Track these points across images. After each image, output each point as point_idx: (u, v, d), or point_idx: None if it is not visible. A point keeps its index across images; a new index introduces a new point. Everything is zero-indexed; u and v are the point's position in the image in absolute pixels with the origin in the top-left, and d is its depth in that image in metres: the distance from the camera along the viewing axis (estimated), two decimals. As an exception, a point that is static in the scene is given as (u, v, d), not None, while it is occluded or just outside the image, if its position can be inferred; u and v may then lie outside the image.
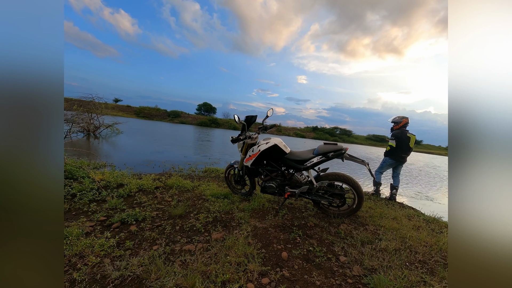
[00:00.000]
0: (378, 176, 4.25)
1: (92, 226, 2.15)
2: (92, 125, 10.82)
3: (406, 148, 3.93)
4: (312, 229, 2.46)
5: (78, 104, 10.41)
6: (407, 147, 3.93)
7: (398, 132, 3.99)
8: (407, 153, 3.99)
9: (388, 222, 2.77)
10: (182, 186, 3.56)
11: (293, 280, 1.63)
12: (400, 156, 4.00)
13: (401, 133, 3.96)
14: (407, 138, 3.91)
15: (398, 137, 3.94)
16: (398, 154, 3.99)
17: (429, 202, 5.20)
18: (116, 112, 34.00)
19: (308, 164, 2.58)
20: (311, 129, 60.78)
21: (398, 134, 3.96)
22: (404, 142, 3.92)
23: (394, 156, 4.03)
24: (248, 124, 2.92)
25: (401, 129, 4.00)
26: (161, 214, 2.52)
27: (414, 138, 3.95)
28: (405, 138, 3.91)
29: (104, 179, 3.36)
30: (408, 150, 3.97)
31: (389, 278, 1.68)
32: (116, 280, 1.49)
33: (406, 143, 3.91)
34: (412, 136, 3.95)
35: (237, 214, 2.63)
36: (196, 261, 1.70)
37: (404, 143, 3.92)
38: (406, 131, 3.97)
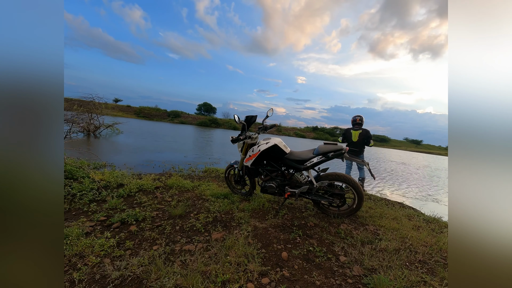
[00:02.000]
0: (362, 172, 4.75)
1: (92, 226, 2.15)
2: (92, 125, 10.82)
3: (350, 142, 4.64)
4: (312, 229, 2.46)
5: (78, 104, 10.41)
6: (350, 141, 4.65)
7: (345, 129, 4.87)
8: (354, 146, 4.64)
9: (388, 222, 2.77)
10: (182, 186, 3.56)
11: (293, 280, 1.63)
12: (350, 149, 4.64)
13: (346, 130, 4.80)
14: (350, 133, 4.67)
15: (343, 134, 4.81)
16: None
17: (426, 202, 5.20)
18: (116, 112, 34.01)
19: (308, 164, 2.58)
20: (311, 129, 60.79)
21: (344, 131, 4.87)
22: (348, 137, 4.69)
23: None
24: (248, 124, 2.92)
25: (350, 127, 4.79)
26: (161, 214, 2.52)
27: (357, 133, 4.62)
28: (348, 134, 4.69)
29: (104, 179, 3.36)
30: (353, 144, 4.62)
31: (389, 278, 1.68)
32: (116, 280, 1.49)
33: (349, 138, 4.66)
34: (355, 131, 4.63)
35: (237, 214, 2.63)
36: (196, 261, 1.70)
37: (348, 138, 4.69)
38: (352, 128, 4.72)
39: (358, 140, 4.58)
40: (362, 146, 4.64)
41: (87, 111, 10.72)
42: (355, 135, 4.61)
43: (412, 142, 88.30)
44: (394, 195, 5.46)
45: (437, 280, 1.74)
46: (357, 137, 4.59)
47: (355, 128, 4.67)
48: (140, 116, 41.92)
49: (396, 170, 10.75)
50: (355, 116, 4.76)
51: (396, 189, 6.19)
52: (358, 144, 4.61)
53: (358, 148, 4.64)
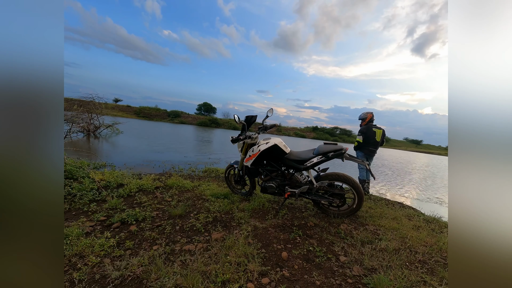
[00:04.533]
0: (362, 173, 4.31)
1: (92, 226, 2.15)
2: (92, 125, 10.82)
3: (373, 142, 4.10)
4: (312, 229, 2.46)
5: (78, 104, 10.41)
6: (373, 141, 4.10)
7: (364, 128, 4.18)
8: (376, 146, 4.16)
9: (388, 222, 2.77)
10: (182, 186, 3.56)
11: (293, 280, 1.63)
12: (368, 150, 4.16)
13: (367, 128, 4.15)
14: (372, 132, 4.09)
15: (364, 133, 4.13)
16: (367, 148, 4.17)
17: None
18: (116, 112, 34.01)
19: (308, 164, 2.58)
20: (311, 129, 60.80)
21: (364, 129, 4.17)
22: (371, 136, 4.09)
23: (363, 150, 4.21)
24: (248, 124, 2.92)
25: (368, 125, 4.20)
26: (161, 214, 2.52)
27: (380, 132, 4.12)
28: (371, 133, 4.09)
29: (104, 179, 3.36)
30: (376, 144, 4.13)
31: (389, 278, 1.68)
32: (116, 280, 1.49)
33: (372, 138, 4.09)
34: (378, 130, 4.11)
35: (237, 214, 2.63)
36: (196, 261, 1.70)
37: (370, 137, 4.09)
38: (372, 126, 4.15)
39: (380, 140, 4.11)
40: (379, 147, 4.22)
41: (87, 111, 10.72)
42: (379, 134, 4.09)
43: (412, 142, 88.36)
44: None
45: (437, 280, 1.74)
46: (380, 136, 4.10)
47: (376, 127, 4.14)
48: (140, 116, 41.93)
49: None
50: (365, 113, 4.24)
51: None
52: (379, 144, 4.15)
53: (377, 149, 4.19)
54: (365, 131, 4.12)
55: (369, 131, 4.09)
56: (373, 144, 4.09)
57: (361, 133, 4.16)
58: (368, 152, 4.17)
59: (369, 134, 4.08)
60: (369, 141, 4.09)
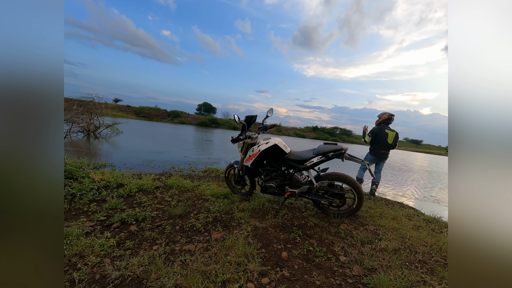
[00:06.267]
0: (360, 172, 4.23)
1: (92, 226, 2.15)
2: (92, 125, 10.82)
3: (384, 144, 3.92)
4: (312, 229, 2.46)
5: (78, 104, 10.40)
6: (385, 143, 3.92)
7: (376, 128, 4.02)
8: (387, 149, 3.99)
9: (388, 222, 2.77)
10: (182, 186, 3.56)
11: (293, 280, 1.63)
12: (379, 152, 4.01)
13: (379, 129, 3.97)
14: (385, 134, 3.91)
15: (376, 133, 3.96)
16: (378, 151, 4.01)
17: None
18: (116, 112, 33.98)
19: (308, 164, 2.58)
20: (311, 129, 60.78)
21: (375, 130, 3.99)
22: (382, 138, 3.91)
23: (373, 152, 4.07)
24: (248, 124, 2.92)
25: (381, 125, 4.01)
26: (161, 214, 2.52)
27: (393, 134, 3.93)
28: (383, 135, 3.91)
29: (104, 179, 3.36)
30: (387, 146, 3.96)
31: (389, 278, 1.68)
32: (116, 280, 1.49)
33: (384, 139, 3.91)
34: (391, 132, 3.93)
35: (237, 214, 2.63)
36: (196, 261, 1.70)
37: (382, 139, 3.92)
38: (385, 127, 3.97)
39: (392, 142, 3.92)
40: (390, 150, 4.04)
41: (87, 111, 10.71)
42: (391, 136, 3.90)
43: (412, 142, 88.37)
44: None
45: (437, 280, 1.74)
46: (392, 139, 3.91)
47: (390, 129, 3.95)
48: (140, 116, 41.89)
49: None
50: (390, 114, 3.96)
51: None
52: (390, 147, 3.97)
53: (388, 151, 4.01)
54: (377, 131, 3.96)
55: (381, 132, 3.93)
56: (384, 147, 3.93)
57: (372, 133, 4.00)
58: (379, 155, 4.00)
59: (380, 136, 3.92)
60: (379, 142, 3.93)
